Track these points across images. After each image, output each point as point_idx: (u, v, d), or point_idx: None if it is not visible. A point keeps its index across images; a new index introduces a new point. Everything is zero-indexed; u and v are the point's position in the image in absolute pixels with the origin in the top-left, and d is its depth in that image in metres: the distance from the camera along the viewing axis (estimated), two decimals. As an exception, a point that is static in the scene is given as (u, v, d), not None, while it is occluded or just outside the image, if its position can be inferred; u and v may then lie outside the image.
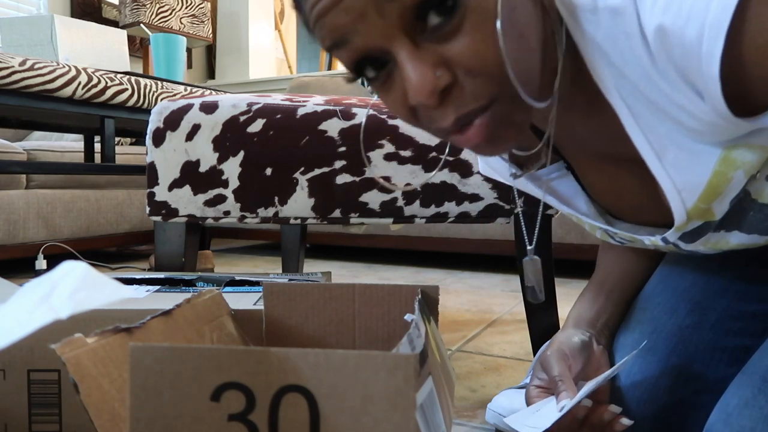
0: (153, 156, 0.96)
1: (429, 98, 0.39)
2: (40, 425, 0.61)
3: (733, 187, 0.43)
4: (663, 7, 0.36)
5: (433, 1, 0.37)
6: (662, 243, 0.53)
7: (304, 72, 4.42)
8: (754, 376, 0.51)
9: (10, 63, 1.41)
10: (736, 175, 0.42)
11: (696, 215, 0.46)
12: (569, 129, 0.52)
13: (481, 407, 0.85)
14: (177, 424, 0.31)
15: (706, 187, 0.43)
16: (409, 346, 0.36)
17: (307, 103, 0.95)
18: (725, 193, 0.44)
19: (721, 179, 0.43)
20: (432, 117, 0.42)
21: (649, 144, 0.43)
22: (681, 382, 0.61)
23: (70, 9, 2.98)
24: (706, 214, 0.46)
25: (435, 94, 0.39)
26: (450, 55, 0.38)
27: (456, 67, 0.39)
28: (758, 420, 0.48)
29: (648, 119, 0.42)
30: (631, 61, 0.39)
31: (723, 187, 0.43)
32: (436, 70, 0.38)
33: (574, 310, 0.69)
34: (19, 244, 1.99)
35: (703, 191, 0.44)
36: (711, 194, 0.44)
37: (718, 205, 0.45)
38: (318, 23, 0.40)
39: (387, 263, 2.37)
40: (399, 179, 0.92)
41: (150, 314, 0.45)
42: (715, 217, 0.46)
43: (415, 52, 0.38)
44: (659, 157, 0.44)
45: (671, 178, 0.44)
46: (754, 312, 0.62)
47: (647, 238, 0.54)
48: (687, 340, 0.62)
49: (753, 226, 0.47)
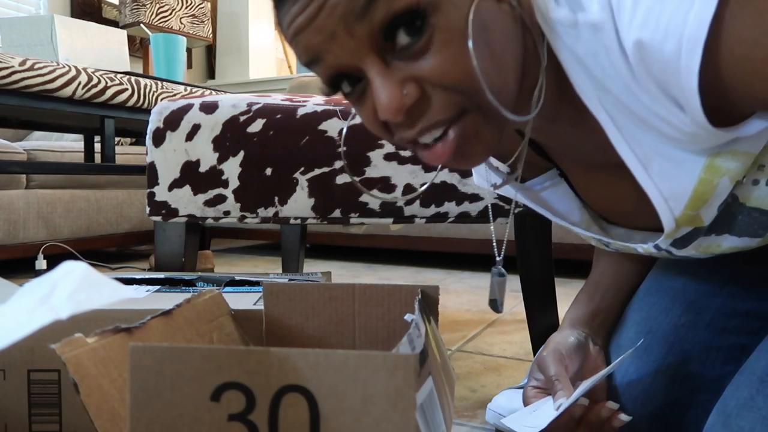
0: (153, 156, 0.96)
1: (396, 116, 0.40)
2: (40, 425, 0.61)
3: (719, 193, 0.44)
4: (641, 23, 0.36)
5: (400, 21, 0.38)
6: (655, 250, 0.53)
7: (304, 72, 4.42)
8: (752, 377, 0.51)
9: (10, 63, 1.41)
10: (721, 182, 0.43)
11: (685, 222, 0.46)
12: (558, 138, 0.52)
13: (481, 407, 0.85)
14: (177, 424, 0.31)
15: (692, 195, 0.44)
16: (409, 346, 0.36)
17: (307, 103, 0.95)
18: (712, 200, 0.44)
19: (706, 187, 0.43)
20: (400, 131, 0.43)
21: (635, 155, 0.44)
22: (677, 381, 0.61)
23: (70, 9, 2.98)
24: (695, 221, 0.46)
25: (402, 112, 0.40)
26: (419, 73, 0.39)
27: (425, 84, 0.40)
28: (756, 421, 0.48)
29: (632, 130, 0.43)
30: (612, 75, 0.39)
31: (709, 194, 0.44)
32: (404, 88, 0.39)
33: (570, 311, 0.70)
34: (19, 244, 2.00)
35: (690, 199, 0.44)
36: (698, 201, 0.44)
37: (705, 211, 0.45)
38: (293, 41, 0.41)
39: (387, 263, 2.37)
40: (399, 179, 0.92)
41: (150, 314, 0.45)
42: (704, 222, 0.47)
43: (385, 71, 0.39)
44: (645, 168, 0.44)
45: (657, 187, 0.45)
46: (749, 310, 0.62)
47: (640, 246, 0.54)
48: (683, 339, 0.62)
49: (743, 229, 0.48)
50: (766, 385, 0.49)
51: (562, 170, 0.58)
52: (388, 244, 2.27)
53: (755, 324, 0.61)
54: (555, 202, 0.59)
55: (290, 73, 3.94)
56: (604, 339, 0.67)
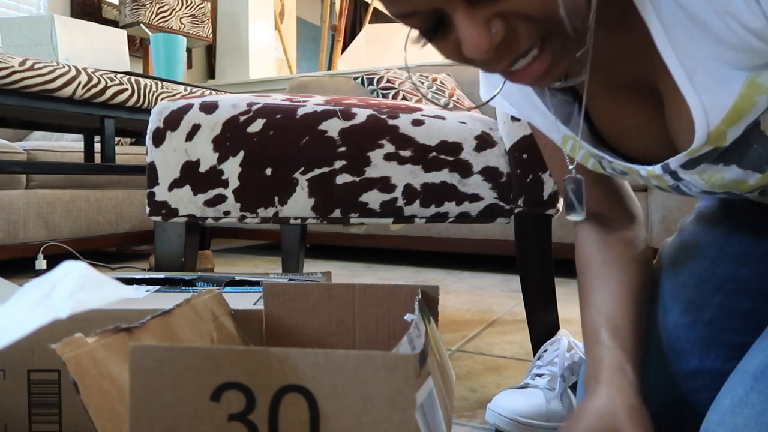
0: (153, 156, 0.96)
1: (486, 54, 0.39)
2: (40, 425, 0.61)
3: (755, 111, 0.44)
4: None
5: None
6: (660, 171, 0.53)
7: (304, 72, 4.42)
8: (746, 375, 0.51)
9: (10, 63, 1.41)
10: (761, 100, 0.43)
11: (715, 138, 0.47)
12: (593, 54, 0.51)
13: (481, 407, 0.85)
14: (177, 424, 0.31)
15: (731, 109, 0.44)
16: (409, 346, 0.36)
17: (307, 103, 0.95)
18: (747, 117, 0.44)
19: (746, 102, 0.43)
20: (489, 65, 0.43)
21: (680, 63, 0.44)
22: (677, 381, 0.61)
23: (70, 9, 2.98)
24: (720, 138, 0.47)
25: (492, 50, 0.39)
26: (504, 8, 0.39)
27: (510, 18, 0.39)
28: (751, 418, 0.48)
29: (681, 39, 0.43)
30: None
31: (747, 110, 0.44)
32: (491, 27, 0.39)
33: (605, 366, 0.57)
34: (19, 244, 2.00)
35: (728, 113, 0.44)
36: (734, 117, 0.44)
37: (734, 129, 0.46)
38: None
39: (387, 263, 2.37)
40: (399, 179, 0.92)
41: (150, 314, 0.45)
42: (726, 142, 0.47)
43: (469, 11, 0.39)
44: (690, 77, 0.44)
45: (700, 97, 0.45)
46: (749, 309, 0.62)
47: (643, 168, 0.54)
48: (683, 338, 0.62)
49: (752, 161, 0.48)
50: (760, 383, 0.49)
51: (579, 92, 0.57)
52: (388, 244, 2.27)
53: (755, 323, 0.61)
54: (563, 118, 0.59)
55: (290, 73, 3.95)
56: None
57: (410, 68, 2.60)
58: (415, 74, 2.27)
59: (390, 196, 0.93)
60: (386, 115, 0.93)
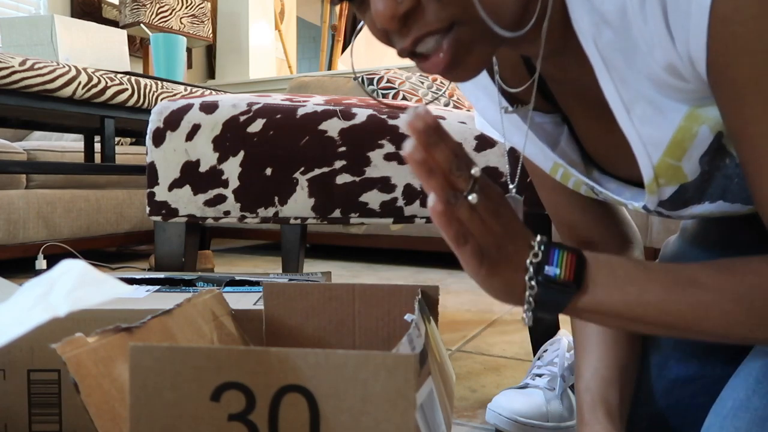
0: (153, 156, 0.96)
1: (390, 23, 0.40)
2: (40, 425, 0.61)
3: (698, 143, 0.44)
4: None
5: None
6: (644, 211, 0.53)
7: (304, 72, 4.42)
8: (748, 378, 0.50)
9: (10, 63, 1.41)
10: (701, 130, 0.43)
11: (664, 172, 0.46)
12: (565, 73, 0.51)
13: (481, 407, 0.85)
14: (177, 424, 0.31)
15: (670, 142, 0.44)
16: (409, 346, 0.36)
17: (307, 103, 0.95)
18: (691, 150, 0.44)
19: (685, 134, 0.43)
20: (397, 41, 0.43)
21: (619, 96, 0.44)
22: (678, 384, 0.61)
23: (70, 9, 2.98)
24: (677, 174, 0.46)
25: (395, 19, 0.40)
26: None
27: None
28: (752, 422, 0.48)
29: (621, 71, 0.43)
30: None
31: (688, 142, 0.44)
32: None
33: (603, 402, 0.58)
34: (19, 244, 2.00)
35: (668, 146, 0.44)
36: (676, 149, 0.44)
37: (687, 163, 0.45)
38: None
39: (387, 263, 2.37)
40: (399, 179, 0.92)
41: (150, 314, 0.45)
42: (686, 178, 0.46)
43: None
44: (627, 110, 0.44)
45: (638, 131, 0.45)
46: None
47: (630, 203, 0.54)
48: (683, 341, 0.62)
49: (737, 195, 0.47)
50: (762, 386, 0.49)
51: (566, 115, 0.57)
52: (388, 244, 2.27)
53: None
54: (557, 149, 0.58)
55: (290, 73, 3.94)
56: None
57: (410, 68, 2.60)
58: (415, 74, 2.27)
59: (390, 196, 0.93)
60: (386, 115, 0.93)
